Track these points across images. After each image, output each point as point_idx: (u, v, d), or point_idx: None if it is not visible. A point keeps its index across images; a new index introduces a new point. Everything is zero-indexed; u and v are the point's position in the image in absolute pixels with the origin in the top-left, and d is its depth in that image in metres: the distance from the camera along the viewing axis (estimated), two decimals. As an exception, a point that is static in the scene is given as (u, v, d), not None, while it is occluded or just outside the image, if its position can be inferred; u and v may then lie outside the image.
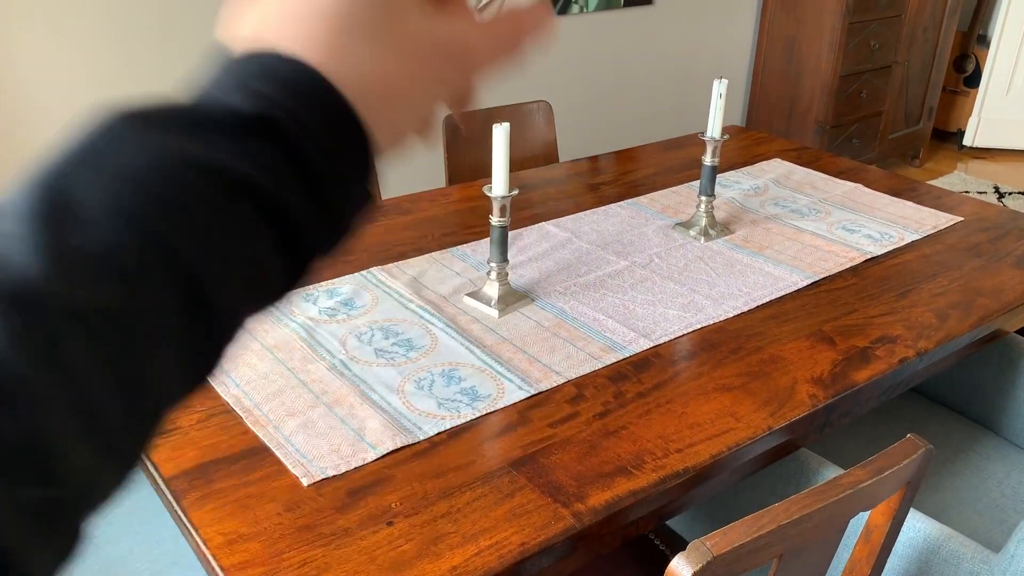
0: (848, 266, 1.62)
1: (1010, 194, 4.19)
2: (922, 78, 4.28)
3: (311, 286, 1.48)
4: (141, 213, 0.25)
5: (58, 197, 0.24)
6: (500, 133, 1.33)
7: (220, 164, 0.26)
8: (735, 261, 1.63)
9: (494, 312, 1.41)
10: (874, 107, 4.08)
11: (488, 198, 1.40)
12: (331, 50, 0.29)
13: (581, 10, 3.31)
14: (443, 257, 1.61)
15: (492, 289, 1.43)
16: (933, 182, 4.29)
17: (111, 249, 0.24)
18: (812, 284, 1.55)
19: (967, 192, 4.19)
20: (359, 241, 1.67)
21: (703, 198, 1.72)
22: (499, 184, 1.37)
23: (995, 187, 4.27)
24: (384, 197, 2.01)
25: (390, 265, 1.57)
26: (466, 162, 2.19)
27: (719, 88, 1.63)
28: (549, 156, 2.32)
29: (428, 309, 1.41)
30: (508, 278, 1.46)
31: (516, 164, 2.24)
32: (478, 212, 1.81)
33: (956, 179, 4.36)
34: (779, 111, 4.04)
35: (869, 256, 1.66)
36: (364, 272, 1.54)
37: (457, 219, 1.79)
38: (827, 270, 1.60)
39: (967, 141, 4.69)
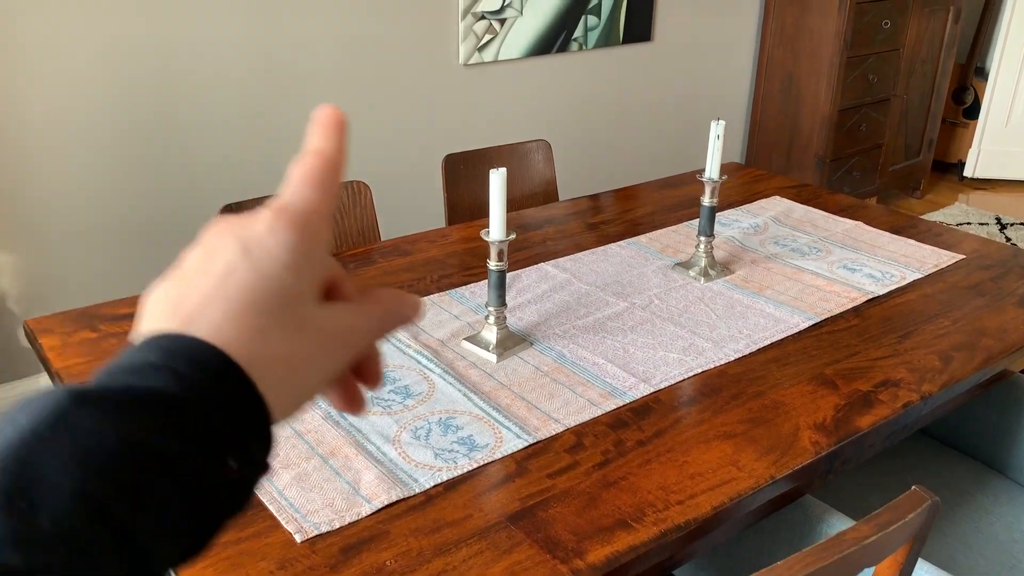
0: (849, 306, 1.61)
1: (1012, 225, 4.19)
2: (921, 110, 4.30)
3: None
4: (98, 495, 0.29)
5: (21, 482, 0.28)
6: (497, 178, 1.32)
7: (156, 445, 0.31)
8: (735, 302, 1.61)
9: (492, 357, 1.39)
10: (874, 140, 4.09)
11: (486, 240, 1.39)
12: (241, 332, 0.34)
13: (580, 47, 3.33)
14: (441, 300, 1.60)
15: (490, 333, 1.42)
16: (935, 214, 4.29)
17: (77, 531, 0.28)
18: (813, 325, 1.54)
19: (969, 224, 4.19)
20: (357, 283, 1.66)
21: (702, 238, 1.71)
22: (496, 229, 1.36)
23: (997, 218, 4.26)
24: (384, 238, 2.00)
25: (388, 309, 1.56)
26: (465, 201, 2.19)
27: (716, 129, 1.63)
28: (549, 195, 2.32)
29: (426, 354, 1.40)
30: (506, 322, 1.45)
31: (515, 203, 2.24)
32: (477, 253, 1.80)
33: (958, 211, 4.36)
34: (779, 145, 4.05)
35: (871, 296, 1.65)
36: (361, 316, 1.53)
37: (456, 260, 1.78)
38: (828, 311, 1.59)
39: (968, 172, 4.69)
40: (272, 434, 0.35)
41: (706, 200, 1.68)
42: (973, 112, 4.67)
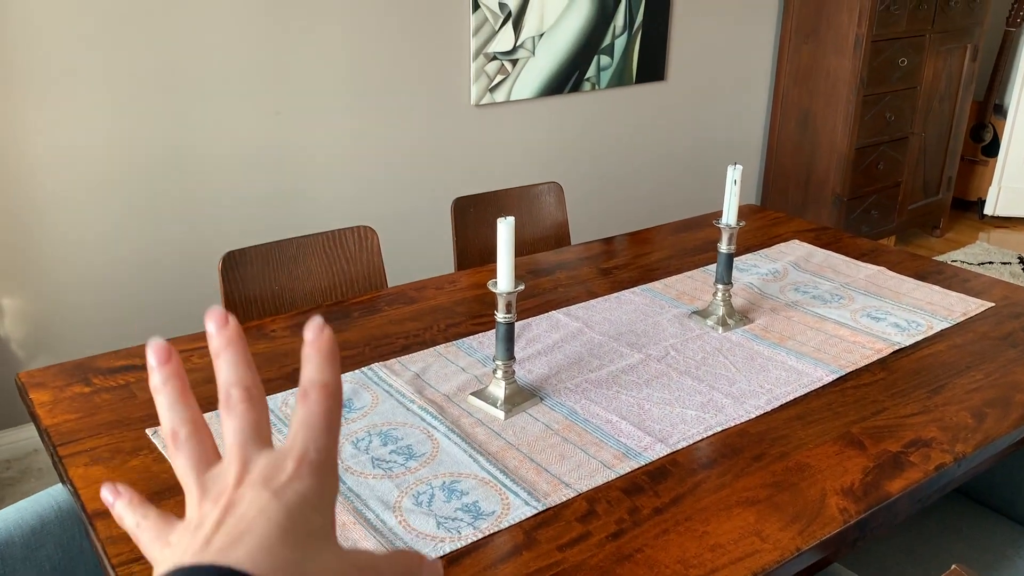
0: (875, 359, 1.54)
1: (1035, 264, 4.09)
2: (940, 148, 4.24)
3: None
4: None
5: None
6: (505, 228, 1.27)
7: None
8: (755, 354, 1.54)
9: (500, 414, 1.33)
10: (892, 178, 4.02)
11: (493, 294, 1.33)
12: (277, 563, 0.35)
13: (593, 87, 3.30)
14: (448, 351, 1.54)
15: (498, 389, 1.36)
16: (956, 252, 4.21)
17: None
18: (838, 379, 1.46)
19: (991, 263, 4.10)
20: (362, 333, 1.60)
21: (720, 286, 1.65)
22: (504, 279, 1.31)
23: (1020, 257, 4.17)
24: (391, 284, 1.95)
25: (392, 360, 1.50)
26: (475, 245, 2.14)
27: (733, 174, 1.57)
28: (560, 238, 2.27)
29: (430, 411, 1.34)
30: (515, 376, 1.38)
31: (526, 246, 2.19)
32: (486, 301, 1.75)
33: (979, 249, 4.27)
34: (795, 184, 3.99)
35: (897, 347, 1.58)
36: (365, 369, 1.47)
37: (464, 308, 1.72)
38: (853, 363, 1.52)
39: (988, 210, 4.61)
40: None
41: (723, 247, 1.62)
42: (992, 150, 4.60)
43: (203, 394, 1.38)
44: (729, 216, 1.61)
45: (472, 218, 2.14)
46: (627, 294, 1.80)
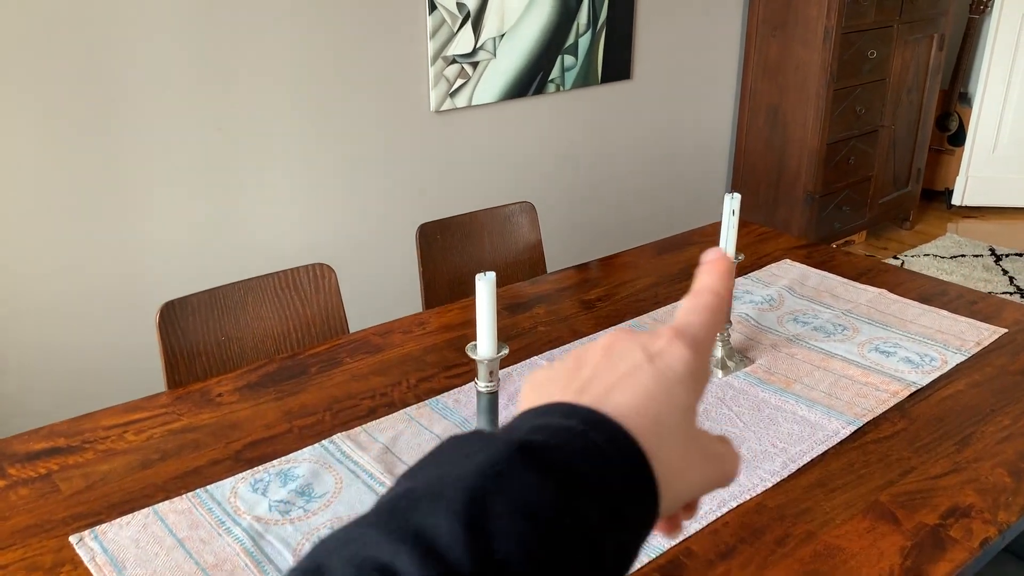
0: (893, 403, 1.40)
1: (1007, 256, 4.04)
2: (909, 140, 4.16)
3: (261, 467, 1.23)
4: (535, 551, 0.31)
5: (479, 516, 0.31)
6: (484, 286, 1.10)
7: (581, 514, 0.33)
8: (762, 402, 1.40)
9: (485, 494, 1.16)
10: (863, 172, 3.93)
11: (472, 337, 1.16)
12: (643, 426, 0.36)
13: (558, 88, 3.13)
14: (420, 413, 1.37)
15: (481, 465, 1.19)
16: (927, 246, 4.14)
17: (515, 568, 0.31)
18: (856, 432, 1.32)
19: (963, 255, 4.03)
20: (321, 395, 1.42)
21: (718, 325, 1.49)
22: (486, 344, 1.14)
23: (991, 249, 4.12)
24: (352, 326, 1.76)
25: (356, 429, 1.32)
26: (444, 275, 1.96)
27: (731, 204, 1.42)
28: (535, 261, 2.10)
29: (405, 494, 1.16)
30: (500, 447, 1.21)
31: (499, 273, 2.01)
32: (459, 347, 1.57)
33: (950, 242, 4.21)
34: (765, 182, 3.87)
35: (914, 388, 1.44)
36: (326, 442, 1.28)
37: (435, 356, 1.55)
38: (869, 410, 1.37)
39: (956, 200, 4.55)
40: (651, 529, 0.36)
41: (721, 283, 1.47)
42: (958, 139, 4.54)
43: (136, 482, 1.19)
44: (727, 248, 1.45)
45: (439, 245, 1.96)
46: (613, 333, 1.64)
